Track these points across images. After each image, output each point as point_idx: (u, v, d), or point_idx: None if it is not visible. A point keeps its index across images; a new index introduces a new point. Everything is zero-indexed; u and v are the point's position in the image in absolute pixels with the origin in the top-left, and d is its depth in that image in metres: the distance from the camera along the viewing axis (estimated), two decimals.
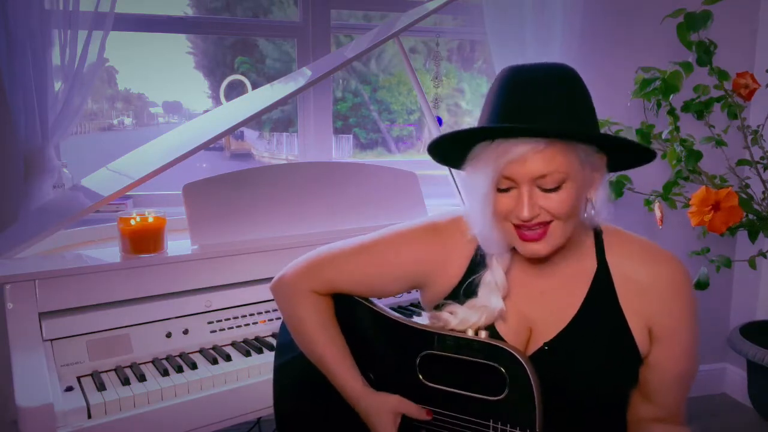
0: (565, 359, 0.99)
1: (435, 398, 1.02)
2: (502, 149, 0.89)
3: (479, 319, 0.99)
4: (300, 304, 1.10)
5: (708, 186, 1.83)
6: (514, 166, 0.89)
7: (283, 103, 1.69)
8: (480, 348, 0.97)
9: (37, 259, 1.52)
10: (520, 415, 0.94)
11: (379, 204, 1.84)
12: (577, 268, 1.02)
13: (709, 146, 2.01)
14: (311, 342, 1.09)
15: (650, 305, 0.98)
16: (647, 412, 1.04)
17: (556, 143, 0.89)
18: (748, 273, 2.53)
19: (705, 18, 1.87)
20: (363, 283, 1.10)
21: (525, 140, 0.88)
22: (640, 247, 1.02)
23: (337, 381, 1.08)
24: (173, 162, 1.47)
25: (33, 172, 1.91)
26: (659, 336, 0.99)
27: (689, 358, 1.02)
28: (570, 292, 1.01)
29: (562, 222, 0.92)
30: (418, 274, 1.08)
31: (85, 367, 1.36)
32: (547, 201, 0.90)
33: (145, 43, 2.29)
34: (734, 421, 2.56)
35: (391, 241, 1.09)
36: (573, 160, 0.90)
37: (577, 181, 0.91)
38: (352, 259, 1.09)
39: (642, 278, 0.99)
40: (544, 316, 1.02)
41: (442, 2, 1.91)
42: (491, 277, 1.01)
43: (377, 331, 1.10)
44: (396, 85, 2.91)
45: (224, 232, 1.60)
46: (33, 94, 1.87)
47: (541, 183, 0.90)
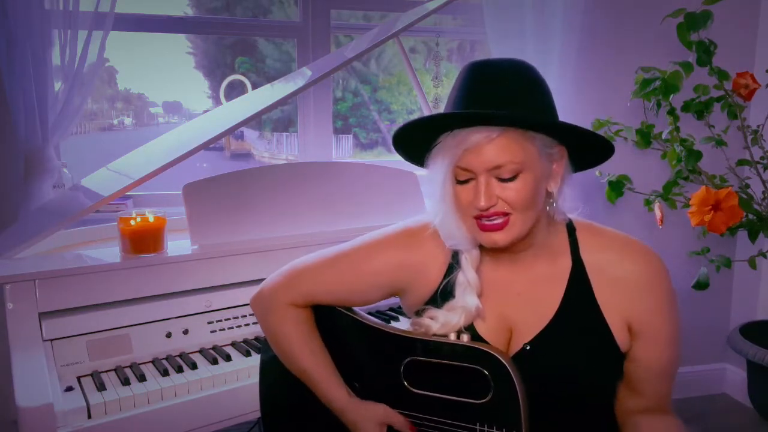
0: (546, 358, 0.99)
1: (421, 404, 1.02)
2: (458, 139, 0.91)
3: (459, 320, 0.99)
4: (279, 319, 1.10)
5: (708, 186, 1.83)
6: (470, 156, 0.91)
7: (283, 103, 1.69)
8: (462, 352, 0.97)
9: (37, 259, 1.52)
10: (506, 416, 0.95)
11: (378, 204, 1.84)
12: (552, 267, 1.02)
13: (709, 146, 2.00)
14: (293, 356, 1.09)
15: (627, 300, 0.99)
16: (635, 403, 1.05)
17: (510, 132, 0.90)
18: (748, 273, 2.53)
19: (705, 18, 1.87)
20: (341, 294, 1.09)
21: (479, 129, 0.90)
22: (614, 242, 1.02)
23: (322, 393, 1.08)
24: (173, 162, 1.47)
25: (33, 172, 1.91)
26: (639, 330, 0.99)
27: (671, 349, 1.02)
28: (547, 292, 1.02)
29: (520, 213, 0.93)
30: (396, 281, 1.08)
31: (85, 367, 1.35)
32: (504, 191, 0.91)
33: (145, 43, 2.29)
34: (734, 421, 2.56)
35: (366, 250, 1.09)
36: (529, 150, 0.91)
37: (535, 172, 0.92)
38: (329, 269, 1.09)
39: (617, 273, 0.99)
40: (523, 317, 1.02)
41: (442, 2, 1.91)
42: (463, 277, 1.01)
43: (360, 339, 1.09)
44: (396, 85, 2.92)
45: (224, 232, 1.60)
46: (33, 94, 1.87)
47: (497, 173, 0.91)
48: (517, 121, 0.90)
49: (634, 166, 2.19)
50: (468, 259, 1.01)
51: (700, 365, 2.73)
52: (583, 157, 1.00)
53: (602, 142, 0.96)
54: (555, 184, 0.97)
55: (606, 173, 2.07)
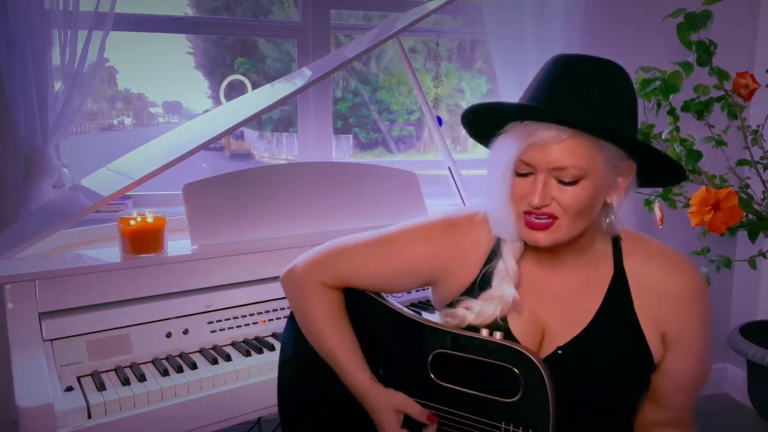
0: (578, 364, 0.98)
1: (446, 397, 1.01)
2: (527, 131, 0.89)
3: (495, 310, 0.98)
4: (310, 298, 1.09)
5: (708, 186, 1.83)
6: (535, 152, 0.89)
7: (283, 103, 1.69)
8: (495, 349, 0.96)
9: (37, 259, 1.52)
10: (533, 418, 0.93)
11: (379, 204, 1.84)
12: (593, 273, 1.01)
13: (709, 146, 2.00)
14: (320, 335, 1.08)
15: (665, 312, 0.98)
16: (655, 416, 1.04)
17: (581, 136, 0.87)
18: (748, 273, 2.53)
19: (705, 18, 1.87)
20: (375, 278, 1.08)
21: (550, 126, 0.88)
22: (658, 254, 1.01)
23: (346, 375, 1.07)
24: (173, 162, 1.47)
25: (33, 172, 1.91)
26: (673, 342, 0.99)
27: (702, 364, 1.02)
28: (585, 298, 1.00)
29: (569, 218, 0.91)
30: (432, 270, 1.07)
31: (85, 367, 1.35)
32: (561, 194, 0.89)
33: (145, 43, 2.29)
34: (734, 421, 2.56)
35: (405, 236, 1.07)
36: (596, 158, 0.89)
37: (597, 181, 0.90)
38: (365, 253, 1.08)
39: (658, 285, 0.98)
40: (557, 320, 1.01)
41: (442, 2, 1.91)
42: (503, 266, 1.00)
43: (389, 327, 1.08)
44: (396, 85, 2.91)
45: (224, 232, 1.60)
46: (33, 94, 1.87)
47: (558, 174, 0.89)
48: (589, 128, 0.88)
49: None
50: (510, 250, 1.00)
51: None
52: (653, 175, 0.98)
53: (675, 168, 0.94)
54: (617, 197, 0.94)
55: None
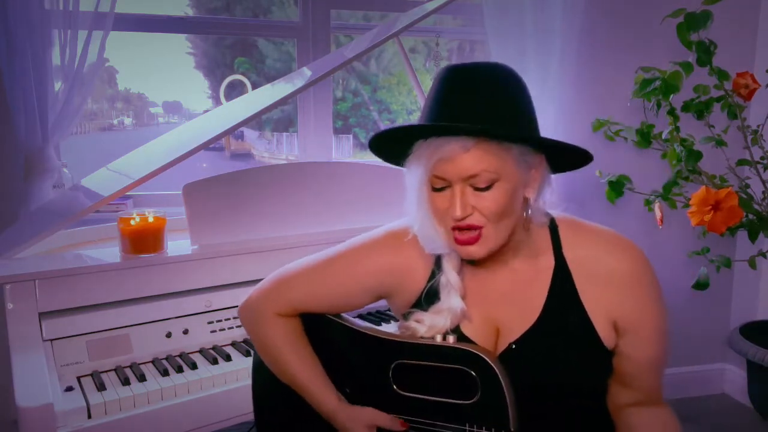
0: (533, 357, 0.99)
1: (411, 407, 1.03)
2: (433, 147, 0.91)
3: (446, 322, 0.99)
4: (267, 328, 1.09)
5: (708, 186, 1.83)
6: (445, 165, 0.90)
7: (283, 103, 1.69)
8: (448, 353, 0.97)
9: (37, 259, 1.52)
10: (494, 416, 0.95)
11: (378, 204, 1.84)
12: (534, 265, 1.02)
13: (709, 146, 2.00)
14: (282, 364, 1.09)
15: (611, 298, 0.98)
16: (626, 397, 1.05)
17: (485, 142, 0.89)
18: (748, 273, 2.53)
19: (705, 18, 1.87)
20: (327, 300, 1.09)
21: (453, 139, 0.89)
22: (596, 237, 1.01)
23: (312, 400, 1.08)
24: (173, 162, 1.47)
25: (33, 172, 1.91)
26: (626, 328, 0.99)
27: (659, 343, 1.01)
28: (531, 290, 1.01)
29: (493, 225, 0.92)
30: (382, 285, 1.08)
31: (85, 367, 1.36)
32: (479, 200, 0.91)
33: (145, 43, 2.29)
34: (734, 421, 2.56)
35: (351, 255, 1.08)
36: (505, 159, 0.91)
37: (511, 181, 0.92)
38: (315, 277, 1.08)
39: (599, 270, 0.98)
40: (509, 316, 1.02)
41: (442, 2, 1.91)
42: (446, 279, 1.01)
43: (348, 344, 1.09)
44: (396, 85, 2.92)
45: (224, 232, 1.60)
46: (33, 94, 1.87)
47: (473, 182, 0.90)
48: (490, 134, 0.89)
49: (634, 166, 2.19)
50: (449, 262, 1.01)
51: (700, 365, 2.73)
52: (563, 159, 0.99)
53: (581, 153, 0.95)
54: (533, 190, 0.96)
55: (606, 173, 2.07)
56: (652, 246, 1.04)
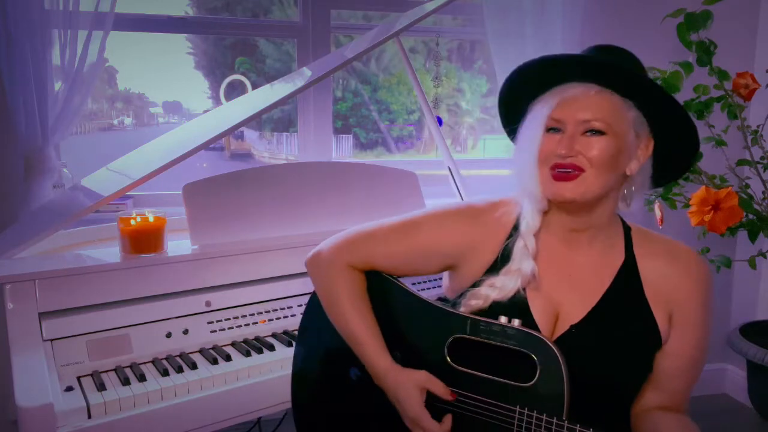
0: (590, 341, 1.02)
1: (462, 381, 1.03)
2: (559, 90, 0.98)
3: (516, 283, 1.02)
4: (335, 278, 1.12)
5: (708, 186, 1.83)
6: (564, 106, 0.97)
7: (283, 103, 1.69)
8: (513, 335, 0.98)
9: (37, 259, 1.52)
10: (548, 402, 0.95)
11: (378, 204, 1.84)
12: (606, 255, 1.06)
13: (709, 146, 2.00)
14: (343, 316, 1.12)
15: (672, 293, 1.03)
16: (653, 400, 1.07)
17: (608, 93, 0.96)
18: (748, 273, 2.53)
19: (705, 18, 1.87)
20: (401, 260, 1.13)
21: (580, 84, 0.97)
22: (665, 243, 1.08)
23: (365, 355, 1.10)
24: (173, 162, 1.47)
25: (33, 172, 1.91)
26: (678, 322, 1.04)
27: (701, 347, 1.06)
28: (597, 278, 1.05)
29: (595, 170, 0.96)
30: (454, 254, 1.11)
31: (85, 367, 1.35)
32: (587, 147, 0.96)
33: (145, 43, 2.29)
34: (734, 421, 2.56)
35: (430, 220, 1.12)
36: (622, 116, 0.97)
37: (619, 139, 0.96)
38: (391, 236, 1.12)
39: (666, 271, 1.04)
40: (571, 300, 1.04)
41: (442, 2, 1.91)
42: (522, 242, 1.04)
43: (408, 311, 1.12)
44: (396, 85, 2.91)
45: (224, 232, 1.60)
46: (33, 94, 1.87)
47: (585, 127, 0.96)
48: (617, 75, 0.95)
49: None
50: (528, 226, 1.04)
51: None
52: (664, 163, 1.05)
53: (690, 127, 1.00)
54: (636, 166, 1.01)
55: None
56: None
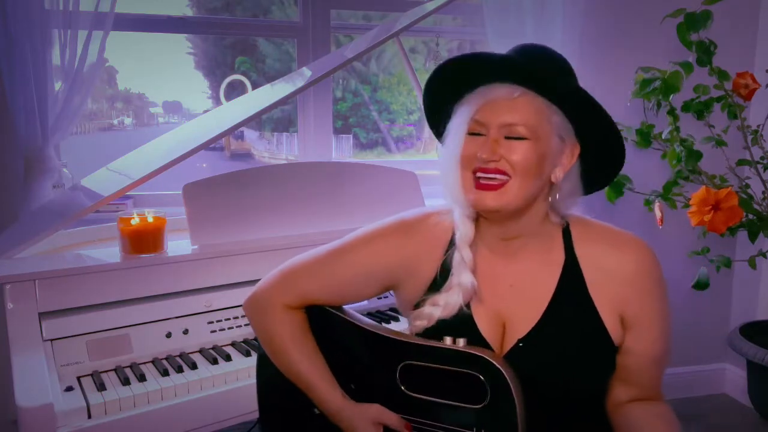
0: (540, 354, 0.99)
1: (418, 408, 1.01)
2: (482, 92, 0.96)
3: (458, 298, 0.99)
4: (273, 322, 1.08)
5: (708, 186, 1.83)
6: (487, 110, 0.94)
7: (283, 103, 1.69)
8: (458, 356, 0.96)
9: (37, 259, 1.52)
10: (503, 421, 0.94)
11: (379, 204, 1.84)
12: (544, 259, 1.02)
13: (709, 146, 2.01)
14: (287, 359, 1.08)
15: (619, 292, 0.99)
16: (625, 393, 1.05)
17: (531, 96, 0.94)
18: (748, 273, 2.53)
19: (705, 18, 1.87)
20: (335, 290, 1.08)
21: (502, 86, 0.94)
22: (605, 234, 1.03)
23: (316, 396, 1.07)
24: (173, 162, 1.47)
25: (33, 172, 1.91)
26: (632, 322, 1.00)
27: (663, 339, 1.02)
28: (540, 285, 1.02)
29: (518, 180, 0.93)
30: (390, 274, 1.08)
31: (85, 367, 1.35)
32: (510, 150, 0.93)
33: (145, 43, 2.29)
34: (734, 421, 2.56)
35: (361, 243, 1.08)
36: (545, 121, 0.94)
37: (543, 144, 0.94)
38: (323, 266, 1.08)
39: (609, 265, 1.00)
40: (516, 311, 1.02)
41: (442, 2, 1.91)
42: (459, 255, 1.01)
43: (355, 342, 1.08)
44: (396, 85, 2.92)
45: (224, 232, 1.60)
46: (33, 94, 1.87)
47: (508, 131, 0.93)
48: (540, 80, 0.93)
49: (634, 166, 2.18)
50: (462, 238, 1.01)
51: (700, 365, 2.73)
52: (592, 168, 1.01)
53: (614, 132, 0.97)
54: (561, 172, 0.98)
55: None
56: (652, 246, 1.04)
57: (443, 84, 1.01)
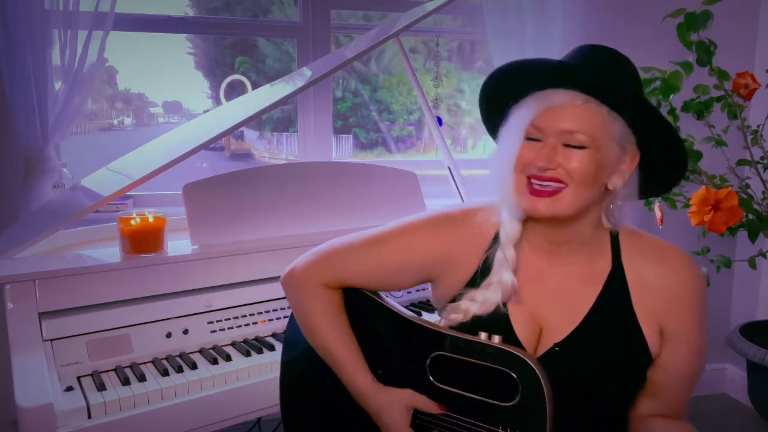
0: (575, 361, 0.98)
1: (444, 400, 1.01)
2: (543, 96, 0.93)
3: (497, 296, 0.98)
4: (310, 298, 1.08)
5: (708, 186, 1.83)
6: (547, 115, 0.91)
7: (283, 103, 1.69)
8: (493, 353, 0.95)
9: (37, 259, 1.52)
10: (531, 422, 0.93)
11: (379, 204, 1.84)
12: (590, 267, 1.01)
13: (709, 146, 2.01)
14: (320, 336, 1.08)
15: (662, 306, 0.98)
16: (650, 407, 1.04)
17: (595, 104, 0.91)
18: (748, 273, 2.53)
19: (705, 18, 1.87)
20: (374, 276, 1.08)
21: (565, 92, 0.91)
22: (657, 249, 1.02)
23: (346, 376, 1.06)
24: (173, 162, 1.47)
25: (33, 172, 1.91)
26: (670, 336, 0.99)
27: (698, 358, 1.02)
28: (582, 292, 1.00)
29: (573, 188, 0.91)
30: (431, 266, 1.07)
31: (85, 367, 1.35)
32: (568, 159, 0.91)
33: (145, 43, 2.29)
34: (734, 421, 2.56)
35: (403, 233, 1.07)
36: (607, 130, 0.91)
37: (602, 153, 0.91)
38: (364, 251, 1.07)
39: (656, 280, 0.99)
40: (555, 315, 1.00)
41: (442, 2, 1.91)
42: (501, 253, 1.00)
43: (388, 328, 1.08)
44: (396, 85, 2.91)
45: (224, 232, 1.60)
46: (33, 94, 1.87)
47: (567, 139, 0.91)
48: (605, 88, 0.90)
49: None
50: (508, 237, 1.00)
51: None
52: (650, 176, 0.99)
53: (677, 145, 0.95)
54: (619, 181, 0.95)
55: None
56: None
57: (502, 84, 0.99)
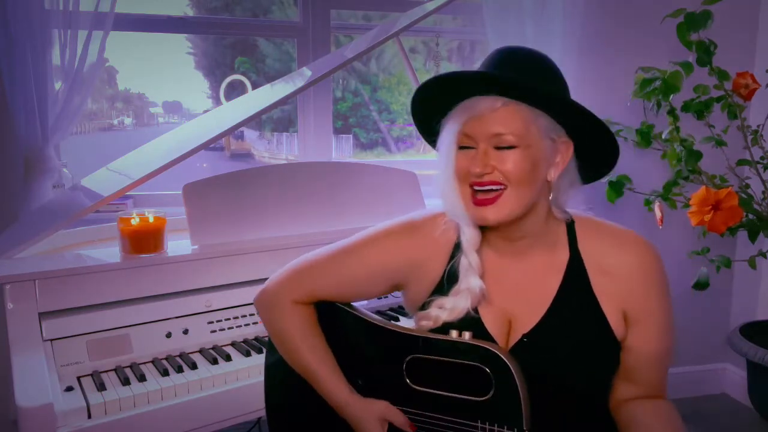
0: (544, 350, 1.00)
1: (424, 401, 1.03)
2: (466, 106, 0.96)
3: (466, 303, 1.00)
4: (283, 318, 1.10)
5: (708, 186, 1.83)
6: (474, 123, 0.95)
7: (283, 103, 1.69)
8: (464, 349, 0.97)
9: (37, 259, 1.52)
10: (507, 414, 0.95)
11: (379, 204, 1.84)
12: (549, 258, 1.04)
13: (709, 146, 2.01)
14: (295, 353, 1.10)
15: (622, 289, 1.00)
16: (629, 391, 1.06)
17: (515, 104, 0.94)
18: (748, 273, 2.53)
19: (705, 18, 1.87)
20: (344, 288, 1.10)
21: (485, 98, 0.94)
22: (608, 232, 1.04)
23: (323, 390, 1.08)
24: (173, 162, 1.47)
25: (33, 172, 1.91)
26: (634, 319, 1.01)
27: (666, 336, 1.03)
28: (544, 283, 1.03)
29: (513, 189, 0.94)
30: (399, 273, 1.09)
31: (85, 367, 1.35)
32: (501, 161, 0.94)
33: (145, 43, 2.29)
34: (734, 421, 2.56)
35: (368, 243, 1.10)
36: (531, 127, 0.95)
37: (533, 149, 0.95)
38: (332, 263, 1.10)
39: (612, 263, 1.01)
40: (521, 308, 1.03)
41: (442, 2, 1.91)
42: (465, 260, 1.02)
43: (362, 337, 1.10)
44: (396, 85, 2.92)
45: (224, 232, 1.60)
46: (33, 94, 1.87)
47: (497, 142, 0.94)
48: (520, 89, 0.93)
49: (634, 166, 2.19)
50: (469, 242, 1.02)
51: (700, 365, 2.73)
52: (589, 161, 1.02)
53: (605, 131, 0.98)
54: (556, 171, 0.98)
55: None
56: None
57: (429, 100, 1.02)
